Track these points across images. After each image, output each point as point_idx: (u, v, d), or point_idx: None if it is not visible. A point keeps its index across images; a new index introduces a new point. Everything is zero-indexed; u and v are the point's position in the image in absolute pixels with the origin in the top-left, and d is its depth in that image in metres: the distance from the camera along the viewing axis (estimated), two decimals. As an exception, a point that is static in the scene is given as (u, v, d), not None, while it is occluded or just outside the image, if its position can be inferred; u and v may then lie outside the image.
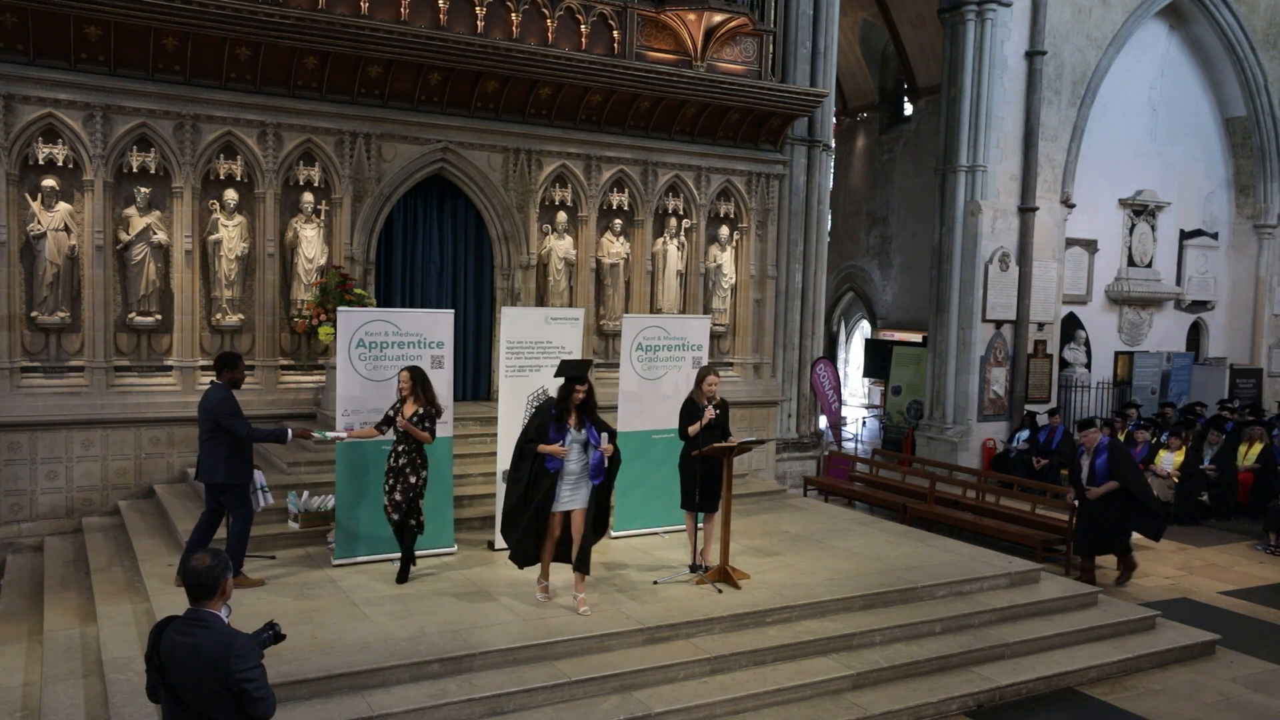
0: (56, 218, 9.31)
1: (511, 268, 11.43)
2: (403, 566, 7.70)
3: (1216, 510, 13.25)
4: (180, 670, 3.68)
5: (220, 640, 3.66)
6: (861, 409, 22.93)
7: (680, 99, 11.72)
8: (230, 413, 7.23)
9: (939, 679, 6.97)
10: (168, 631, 3.75)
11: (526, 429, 7.27)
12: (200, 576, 3.73)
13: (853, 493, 12.98)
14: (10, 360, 9.23)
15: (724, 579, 7.74)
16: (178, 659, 3.68)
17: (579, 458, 7.08)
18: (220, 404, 7.26)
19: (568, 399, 7.07)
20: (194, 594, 3.75)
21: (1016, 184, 15.02)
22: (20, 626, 7.43)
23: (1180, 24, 16.77)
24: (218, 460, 7.25)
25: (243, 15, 9.30)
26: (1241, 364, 17.97)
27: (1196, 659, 7.92)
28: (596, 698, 6.18)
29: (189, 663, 3.65)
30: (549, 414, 7.10)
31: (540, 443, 7.01)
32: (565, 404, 7.07)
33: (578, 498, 7.10)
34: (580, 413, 7.09)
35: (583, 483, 7.11)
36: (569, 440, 7.02)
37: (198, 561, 3.77)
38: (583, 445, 7.10)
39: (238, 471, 7.30)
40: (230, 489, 7.31)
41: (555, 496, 7.03)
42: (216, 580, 3.74)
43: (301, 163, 10.28)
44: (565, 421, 7.07)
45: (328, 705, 5.69)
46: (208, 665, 3.62)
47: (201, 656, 3.64)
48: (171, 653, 3.70)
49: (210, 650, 3.64)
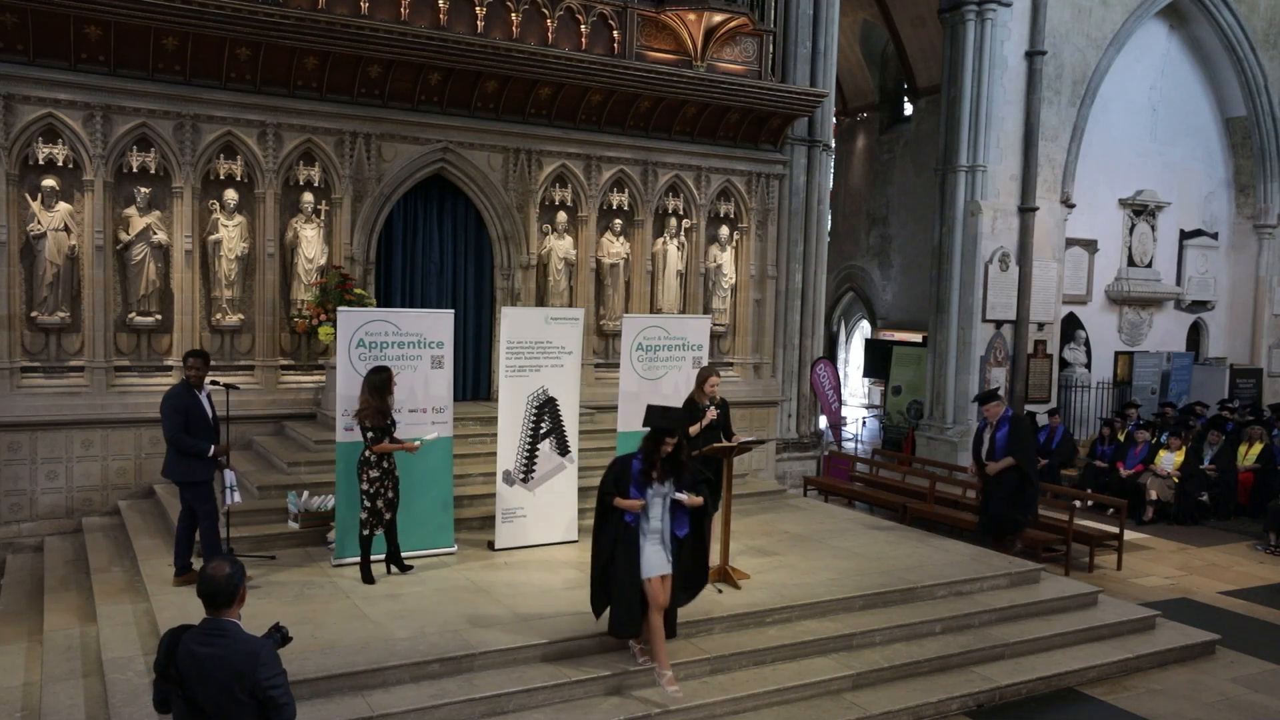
0: (56, 218, 9.31)
1: (511, 268, 11.43)
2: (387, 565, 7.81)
3: (1216, 510, 13.25)
4: (203, 682, 3.59)
5: (245, 650, 3.60)
6: (861, 409, 22.92)
7: (680, 99, 11.72)
8: (168, 410, 7.31)
9: (939, 679, 6.97)
10: (184, 642, 3.65)
11: (605, 480, 6.37)
12: (219, 585, 3.65)
13: (853, 493, 12.97)
14: (10, 360, 9.23)
15: (724, 579, 7.74)
16: (200, 670, 3.59)
17: (662, 513, 6.25)
18: (164, 399, 7.40)
19: (654, 452, 6.18)
20: (211, 602, 3.67)
21: (1016, 184, 15.02)
22: (20, 626, 7.43)
23: (1180, 24, 16.77)
24: (176, 456, 7.34)
25: (243, 15, 9.30)
26: (1241, 364, 17.97)
27: (1196, 659, 7.92)
28: (596, 698, 6.18)
29: (213, 674, 3.57)
30: (628, 466, 6.26)
31: (618, 496, 6.23)
32: (651, 458, 6.18)
33: (664, 560, 6.26)
34: (667, 467, 6.23)
35: (668, 540, 6.29)
36: (651, 495, 6.20)
37: (215, 569, 3.68)
38: (665, 499, 6.28)
39: (196, 469, 7.33)
40: (192, 486, 7.35)
41: (641, 558, 6.20)
42: (235, 588, 3.68)
43: (301, 163, 10.28)
44: (649, 475, 6.22)
45: (328, 705, 5.69)
46: (233, 675, 3.56)
47: (226, 667, 3.56)
48: (191, 663, 3.61)
49: (235, 660, 3.57)
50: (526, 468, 8.69)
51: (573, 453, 8.93)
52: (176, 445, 7.33)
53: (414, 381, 8.23)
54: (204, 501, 7.37)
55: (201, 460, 7.35)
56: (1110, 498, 11.60)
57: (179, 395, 7.40)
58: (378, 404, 7.53)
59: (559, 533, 8.84)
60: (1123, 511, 11.04)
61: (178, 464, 7.36)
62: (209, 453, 7.38)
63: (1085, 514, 11.77)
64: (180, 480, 7.38)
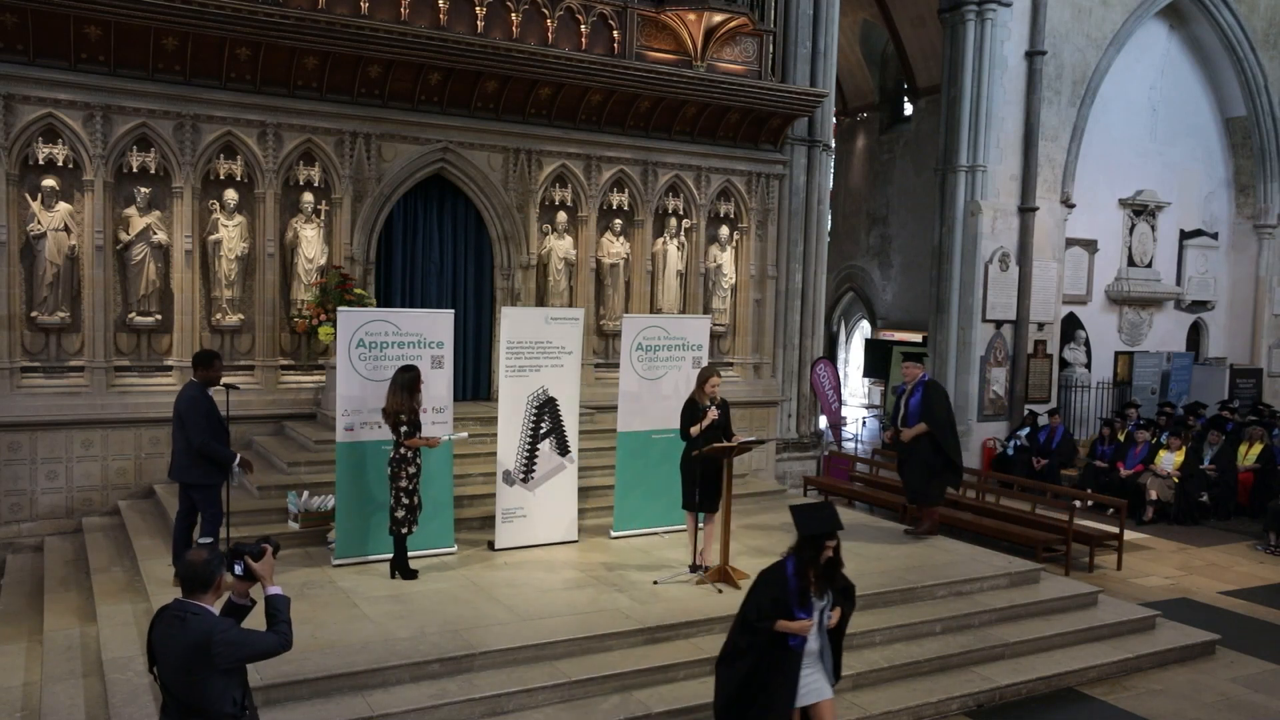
0: (56, 218, 9.30)
1: (511, 268, 11.43)
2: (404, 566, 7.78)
3: (1216, 510, 13.25)
4: (164, 660, 3.77)
5: (202, 628, 3.72)
6: (861, 409, 22.93)
7: (680, 99, 11.72)
8: (196, 414, 7.21)
9: (939, 679, 6.97)
10: (157, 625, 3.85)
11: (755, 600, 5.27)
12: (195, 569, 3.82)
13: (853, 493, 12.98)
14: (10, 360, 9.23)
15: (724, 579, 7.74)
16: (163, 648, 3.78)
17: (819, 633, 5.26)
18: (189, 404, 7.26)
19: (816, 560, 5.17)
20: (187, 586, 3.84)
21: (1016, 184, 15.03)
22: (20, 626, 7.43)
23: (1180, 24, 16.78)
24: (190, 459, 7.24)
25: (243, 15, 9.30)
26: (1241, 364, 17.97)
27: (1196, 659, 7.92)
28: (596, 698, 6.18)
29: (172, 651, 3.74)
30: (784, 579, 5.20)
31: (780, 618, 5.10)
32: (811, 568, 5.18)
33: (822, 684, 5.30)
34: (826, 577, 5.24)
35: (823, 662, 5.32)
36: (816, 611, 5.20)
37: (194, 555, 3.89)
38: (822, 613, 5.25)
39: (209, 472, 7.26)
40: (202, 489, 7.28)
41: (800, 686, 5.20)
42: (211, 575, 3.83)
43: (301, 163, 10.28)
44: (808, 589, 5.18)
45: (328, 705, 5.69)
46: (189, 652, 3.69)
47: (182, 645, 3.71)
48: (159, 644, 3.80)
49: (192, 638, 3.71)
50: (526, 468, 8.69)
51: (573, 453, 8.93)
52: (205, 450, 7.20)
53: (414, 381, 8.22)
54: (211, 505, 7.33)
55: (221, 466, 7.31)
56: (1110, 498, 11.60)
57: (202, 399, 7.28)
58: (408, 401, 7.59)
59: (559, 533, 8.84)
60: (1123, 511, 11.04)
61: (193, 467, 7.23)
62: (235, 462, 7.31)
63: (1085, 514, 11.77)
64: (196, 481, 7.28)
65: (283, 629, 3.89)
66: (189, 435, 7.19)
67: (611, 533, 9.06)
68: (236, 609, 3.96)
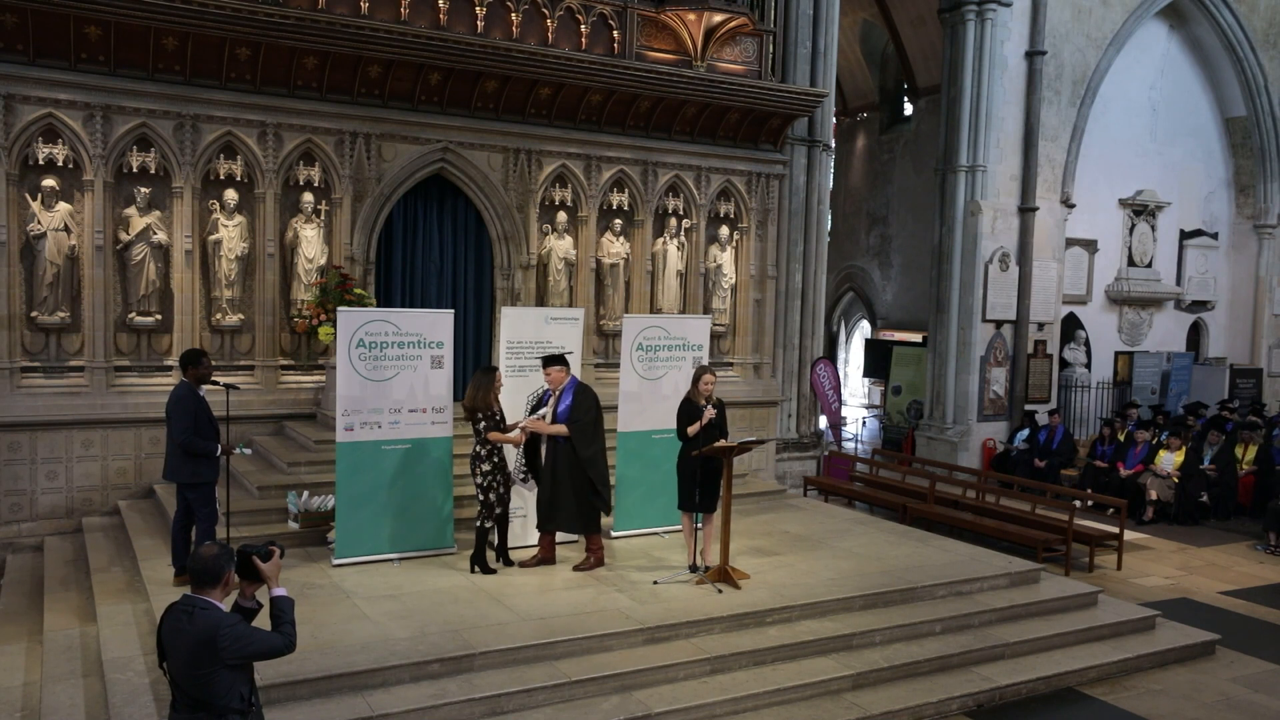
0: (56, 218, 9.31)
1: (511, 268, 11.43)
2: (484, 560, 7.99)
3: (1216, 510, 13.24)
4: (173, 654, 3.80)
5: (208, 622, 3.75)
6: (861, 409, 22.93)
7: (680, 99, 11.72)
8: (180, 411, 7.26)
9: (939, 679, 6.97)
10: (166, 619, 3.87)
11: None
12: (206, 563, 3.85)
13: (853, 493, 12.98)
14: (10, 360, 9.23)
15: (724, 579, 7.74)
16: (171, 643, 3.81)
17: None
18: (176, 403, 7.33)
19: None
20: (196, 580, 3.86)
21: (1016, 184, 15.02)
22: (20, 626, 7.43)
23: (1180, 24, 16.76)
24: (183, 458, 7.27)
25: (243, 15, 9.30)
26: (1241, 364, 17.97)
27: (1196, 659, 7.92)
28: (596, 698, 6.18)
29: (179, 646, 3.76)
30: None
31: None
32: None
33: None
34: None
35: None
36: None
37: (206, 550, 3.92)
38: None
39: (203, 470, 7.31)
40: (196, 488, 7.32)
41: None
42: (220, 570, 3.85)
43: (301, 163, 10.28)
44: None
45: (328, 705, 5.69)
46: (196, 647, 3.71)
47: (189, 639, 3.73)
48: (168, 639, 3.83)
49: (199, 632, 3.73)
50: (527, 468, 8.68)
51: (573, 453, 8.92)
52: (187, 447, 7.25)
53: (414, 381, 8.22)
54: (205, 504, 7.35)
55: (209, 461, 7.34)
56: (1110, 498, 11.59)
57: (189, 398, 7.34)
58: (486, 398, 7.81)
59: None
60: (1123, 511, 11.04)
61: (184, 466, 7.30)
62: (217, 453, 7.38)
63: (1085, 514, 11.76)
64: (185, 482, 7.34)
65: (287, 630, 3.92)
66: (171, 432, 7.28)
67: (612, 533, 9.05)
68: (244, 612, 3.99)
